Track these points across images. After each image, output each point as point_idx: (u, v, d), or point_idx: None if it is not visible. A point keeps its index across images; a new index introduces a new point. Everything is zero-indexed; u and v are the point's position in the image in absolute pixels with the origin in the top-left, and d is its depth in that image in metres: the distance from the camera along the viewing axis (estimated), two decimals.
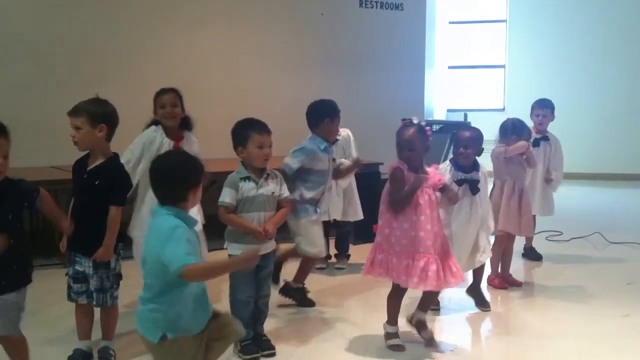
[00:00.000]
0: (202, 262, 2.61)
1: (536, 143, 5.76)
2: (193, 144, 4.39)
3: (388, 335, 3.87)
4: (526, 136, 5.06)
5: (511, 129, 5.00)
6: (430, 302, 4.00)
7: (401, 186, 3.70)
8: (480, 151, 4.41)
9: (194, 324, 2.67)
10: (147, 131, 4.32)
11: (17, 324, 3.01)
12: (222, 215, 3.64)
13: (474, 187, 4.33)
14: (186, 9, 7.45)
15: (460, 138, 4.39)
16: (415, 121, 3.79)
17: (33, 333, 3.36)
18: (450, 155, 4.54)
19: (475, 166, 4.41)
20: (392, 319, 3.89)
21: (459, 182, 4.31)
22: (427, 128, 3.83)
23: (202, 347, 2.70)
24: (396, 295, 3.88)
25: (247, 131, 3.67)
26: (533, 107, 5.94)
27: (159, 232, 2.60)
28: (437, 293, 3.97)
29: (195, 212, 3.78)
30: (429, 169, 3.83)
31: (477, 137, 4.40)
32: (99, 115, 3.46)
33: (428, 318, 4.03)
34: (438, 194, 3.87)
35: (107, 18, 6.99)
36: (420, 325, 3.95)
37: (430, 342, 3.91)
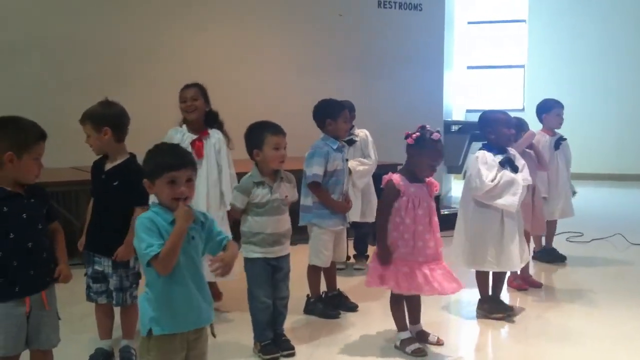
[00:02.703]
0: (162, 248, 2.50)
1: (557, 145, 5.71)
2: (218, 141, 4.39)
3: (405, 343, 3.83)
4: (526, 129, 5.11)
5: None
6: (416, 312, 3.97)
7: (391, 200, 3.74)
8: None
9: (182, 322, 2.59)
10: (168, 133, 4.35)
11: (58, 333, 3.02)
12: (233, 215, 3.77)
13: (513, 166, 4.33)
14: (201, 10, 7.51)
15: (508, 120, 4.46)
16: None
17: None
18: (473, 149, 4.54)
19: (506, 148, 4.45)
20: (401, 326, 3.89)
21: (502, 163, 4.30)
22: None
23: (184, 352, 2.64)
24: (397, 302, 3.88)
25: (262, 133, 3.67)
26: (552, 106, 5.76)
27: None
28: (419, 301, 3.94)
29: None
30: (428, 179, 3.84)
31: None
32: (101, 119, 3.50)
33: (443, 318, 4.01)
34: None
35: (123, 20, 7.08)
36: (421, 335, 3.94)
37: (438, 342, 3.91)
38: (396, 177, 3.77)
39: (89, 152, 3.63)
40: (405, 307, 3.92)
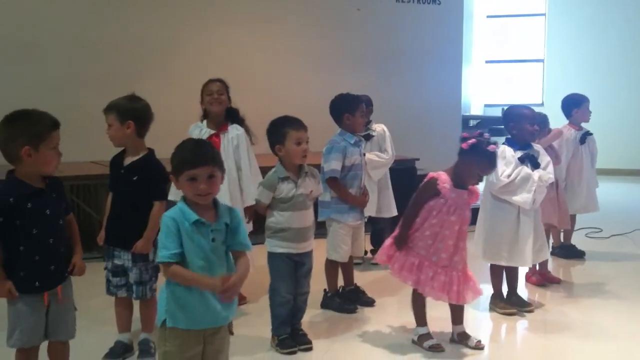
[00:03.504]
0: (177, 266, 2.51)
1: (583, 139, 5.69)
2: (237, 137, 4.38)
3: (422, 338, 3.82)
4: (547, 125, 5.11)
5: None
6: (459, 314, 3.91)
7: (426, 197, 3.72)
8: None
9: (195, 321, 2.58)
10: (189, 130, 4.38)
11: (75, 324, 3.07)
12: (259, 210, 3.79)
13: (534, 162, 4.31)
14: (219, 7, 7.52)
15: (532, 116, 4.41)
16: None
17: None
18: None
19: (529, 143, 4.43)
20: (421, 321, 3.87)
21: (522, 159, 4.29)
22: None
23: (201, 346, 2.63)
24: (419, 297, 3.85)
25: (283, 128, 3.68)
26: (582, 101, 5.73)
27: None
28: (461, 305, 3.88)
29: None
30: (471, 187, 3.79)
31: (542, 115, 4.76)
32: (127, 111, 3.51)
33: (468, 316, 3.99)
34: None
35: (142, 18, 7.13)
36: (462, 337, 3.89)
37: (477, 346, 3.82)
38: (443, 178, 3.71)
39: (108, 147, 3.65)
40: (449, 307, 3.88)
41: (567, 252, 5.89)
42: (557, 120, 5.71)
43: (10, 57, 6.58)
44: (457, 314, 3.90)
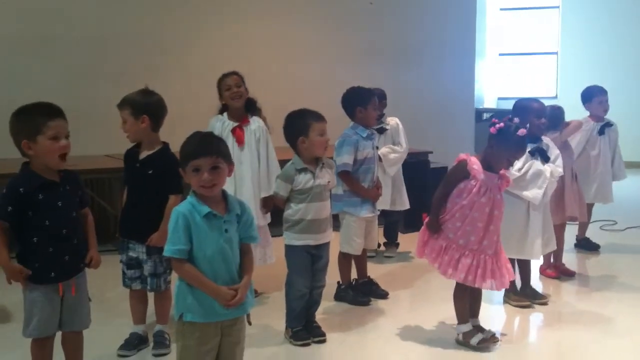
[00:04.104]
0: (185, 263, 2.54)
1: (602, 131, 5.66)
2: (259, 129, 4.39)
3: (468, 335, 3.74)
4: (563, 118, 5.08)
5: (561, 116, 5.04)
6: (476, 305, 3.85)
7: (456, 179, 3.68)
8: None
9: (212, 313, 2.58)
10: (210, 122, 4.38)
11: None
12: (277, 203, 3.80)
13: (545, 155, 4.30)
14: (235, 1, 7.52)
15: (540, 109, 4.40)
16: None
17: None
18: None
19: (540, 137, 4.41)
20: (463, 318, 3.79)
21: (532, 153, 4.26)
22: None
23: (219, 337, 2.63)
24: (462, 293, 3.77)
25: (306, 120, 3.69)
26: (593, 95, 5.73)
27: None
28: (480, 294, 3.84)
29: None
30: (501, 172, 3.74)
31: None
32: (141, 106, 3.53)
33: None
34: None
35: (158, 11, 7.13)
36: (477, 330, 3.85)
37: (493, 340, 3.77)
38: (473, 160, 3.66)
39: (123, 140, 3.67)
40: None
41: (582, 245, 5.87)
42: (572, 112, 5.67)
43: (26, 51, 6.63)
44: (474, 305, 3.86)
